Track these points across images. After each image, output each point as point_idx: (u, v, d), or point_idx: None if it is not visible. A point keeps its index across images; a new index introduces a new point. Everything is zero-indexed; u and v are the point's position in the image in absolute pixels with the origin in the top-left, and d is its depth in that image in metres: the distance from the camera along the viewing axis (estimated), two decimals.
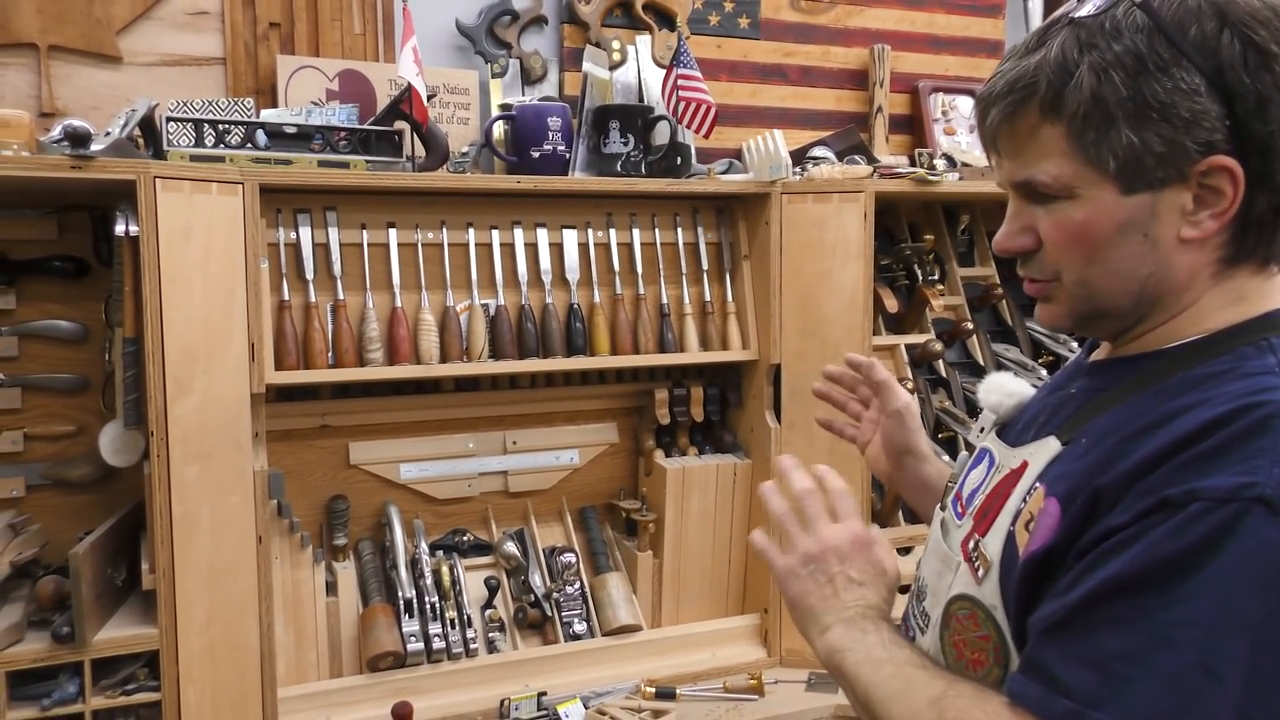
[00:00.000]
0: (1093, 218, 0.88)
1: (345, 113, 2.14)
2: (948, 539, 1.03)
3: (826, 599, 1.00)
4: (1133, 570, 0.78)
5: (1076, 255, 0.90)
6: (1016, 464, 0.96)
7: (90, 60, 2.11)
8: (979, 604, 0.93)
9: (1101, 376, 0.97)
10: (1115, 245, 0.88)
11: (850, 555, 1.02)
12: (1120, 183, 0.86)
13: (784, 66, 2.78)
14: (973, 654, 0.94)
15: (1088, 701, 0.78)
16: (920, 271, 2.60)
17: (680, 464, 2.36)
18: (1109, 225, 0.88)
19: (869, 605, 0.99)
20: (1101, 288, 0.91)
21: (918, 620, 1.05)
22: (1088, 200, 0.88)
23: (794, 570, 1.03)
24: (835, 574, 1.01)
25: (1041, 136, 0.88)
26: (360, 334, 2.06)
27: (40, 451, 1.99)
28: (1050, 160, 0.88)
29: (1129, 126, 0.84)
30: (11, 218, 1.94)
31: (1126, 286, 0.90)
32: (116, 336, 1.86)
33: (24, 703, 1.72)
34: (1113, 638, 0.78)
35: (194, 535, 1.79)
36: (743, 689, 2.17)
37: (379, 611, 2.08)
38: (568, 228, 2.27)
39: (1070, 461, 0.90)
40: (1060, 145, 0.87)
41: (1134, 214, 0.87)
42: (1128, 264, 0.89)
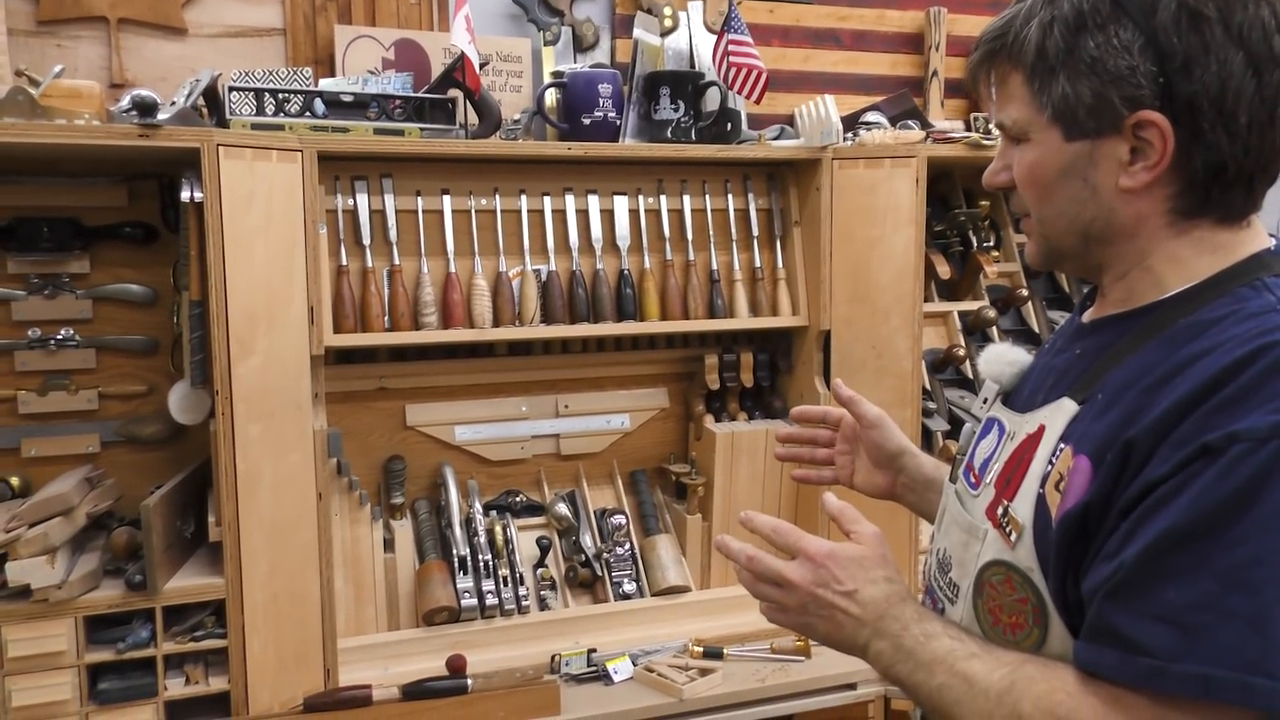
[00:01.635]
0: (1040, 160, 0.95)
1: (400, 81, 2.19)
2: (968, 509, 1.03)
3: (841, 625, 1.00)
4: (1186, 520, 0.78)
5: (1030, 195, 0.98)
6: (1033, 428, 0.97)
7: (158, 32, 2.18)
8: (1014, 568, 0.94)
9: (1103, 334, 0.98)
10: (1059, 187, 0.95)
11: (825, 575, 1.00)
12: (1061, 129, 0.93)
13: (837, 31, 2.75)
14: (1010, 618, 0.94)
15: (1168, 655, 0.78)
16: (975, 238, 2.58)
17: (730, 429, 2.38)
18: (1053, 168, 0.94)
19: (879, 602, 0.98)
20: (1054, 227, 0.98)
21: (945, 591, 1.05)
22: (1037, 144, 0.95)
23: (797, 618, 1.03)
24: (829, 600, 0.99)
25: (1010, 82, 0.96)
26: (415, 298, 2.12)
27: (114, 410, 2.09)
28: (1013, 105, 0.96)
29: (1065, 78, 0.91)
30: (85, 186, 2.02)
31: (1072, 227, 0.96)
32: (183, 299, 1.94)
33: (101, 646, 1.81)
34: (1178, 589, 0.78)
35: (257, 491, 1.86)
36: (789, 650, 2.20)
37: (434, 568, 2.15)
38: (619, 194, 2.29)
39: (1092, 419, 0.91)
40: (1020, 91, 0.95)
41: (1074, 160, 0.93)
42: (1071, 207, 0.95)
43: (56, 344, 2.02)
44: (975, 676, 0.90)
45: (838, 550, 1.01)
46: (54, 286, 2.02)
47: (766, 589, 1.04)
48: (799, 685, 2.12)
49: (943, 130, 2.48)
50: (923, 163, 2.25)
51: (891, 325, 2.27)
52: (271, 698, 1.89)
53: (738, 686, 2.07)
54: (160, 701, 1.83)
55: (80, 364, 2.05)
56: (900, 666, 0.97)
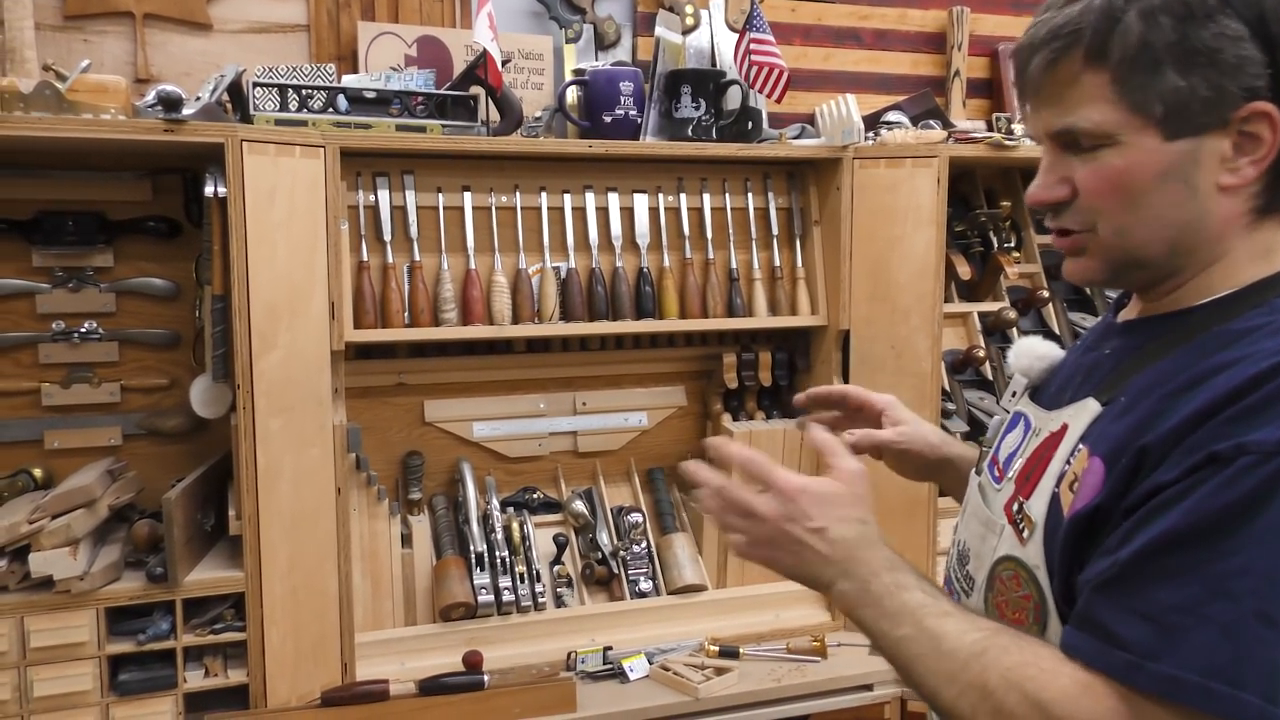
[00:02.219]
0: (1134, 165, 0.88)
1: (423, 78, 2.19)
2: (988, 503, 1.03)
3: (808, 561, 0.97)
4: (1184, 524, 0.79)
5: (1115, 204, 0.90)
6: (1056, 426, 0.97)
7: (183, 28, 2.20)
8: (1022, 564, 0.94)
9: (1135, 335, 0.97)
10: (1155, 192, 0.89)
11: (795, 509, 0.97)
12: (1164, 129, 0.87)
13: (859, 30, 2.75)
14: (1014, 614, 0.95)
15: (1145, 653, 0.78)
16: (996, 238, 2.57)
17: (747, 428, 2.38)
18: (1150, 172, 0.88)
19: (850, 546, 0.95)
20: (1139, 236, 0.91)
21: (961, 584, 1.05)
22: (1129, 147, 0.88)
23: (764, 551, 0.99)
24: (796, 535, 0.96)
25: (1083, 84, 0.88)
26: (435, 295, 2.12)
27: (136, 402, 2.10)
28: (1092, 107, 0.88)
29: (1176, 71, 0.85)
30: (110, 180, 2.04)
31: (1163, 234, 0.90)
32: (206, 294, 1.95)
33: (122, 637, 1.82)
34: (1166, 590, 0.79)
35: (277, 485, 1.87)
36: (805, 650, 2.20)
37: (451, 564, 2.15)
38: (639, 192, 2.29)
39: (1111, 421, 0.90)
40: (1103, 92, 0.87)
41: (1176, 160, 0.87)
42: (1167, 212, 0.89)
43: (80, 337, 2.04)
44: (945, 634, 0.88)
45: (810, 485, 0.97)
46: (78, 280, 2.04)
47: (734, 519, 1.00)
48: (815, 685, 2.12)
49: (964, 130, 2.47)
50: (944, 162, 2.24)
51: (911, 325, 2.27)
52: (289, 691, 1.90)
53: (753, 686, 2.07)
54: (179, 693, 1.84)
55: (103, 357, 2.06)
56: (864, 611, 0.94)
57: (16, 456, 2.02)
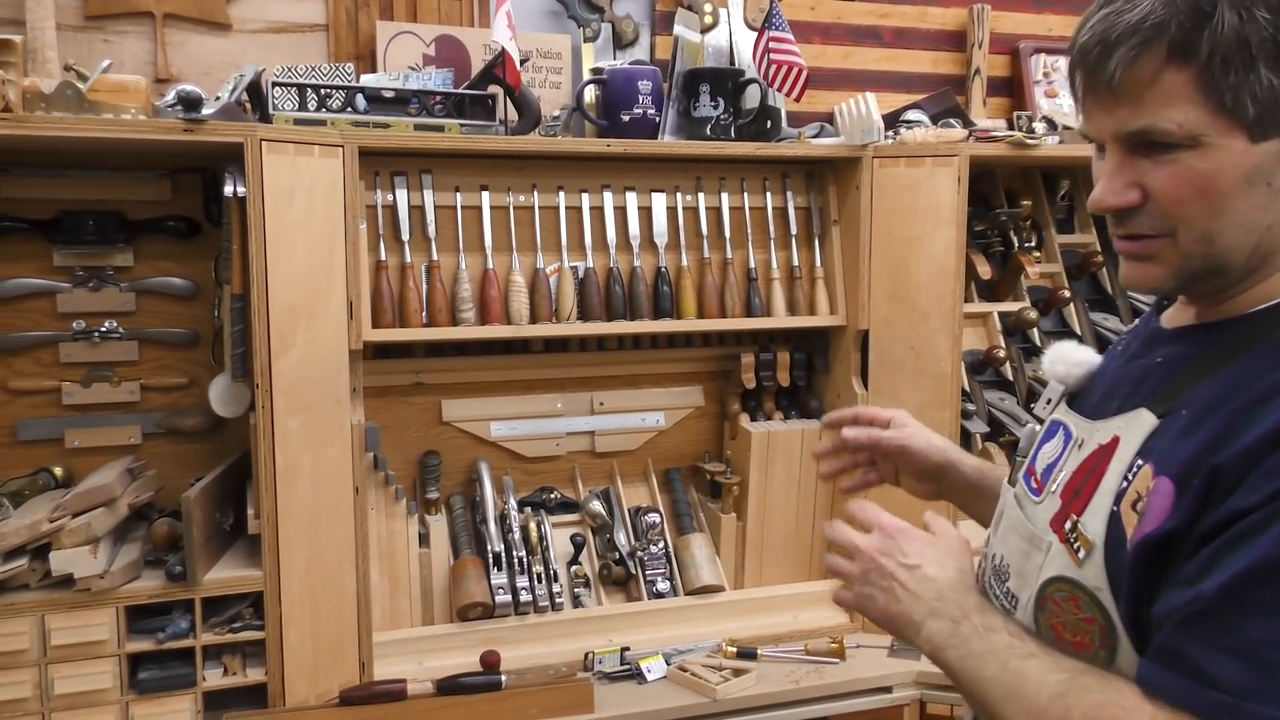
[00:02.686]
0: (1221, 167, 0.84)
1: (441, 77, 2.19)
2: (1030, 517, 0.99)
3: (898, 599, 0.99)
4: (1272, 554, 0.75)
5: (1199, 209, 0.86)
6: (1106, 439, 0.93)
7: (202, 28, 2.20)
8: (1080, 586, 0.90)
9: (1188, 343, 0.93)
10: (1240, 196, 0.85)
11: (892, 545, 1.01)
12: (1253, 130, 0.83)
13: (879, 28, 2.73)
14: (1074, 637, 0.91)
15: (1240, 693, 0.75)
16: (1016, 238, 2.55)
17: (765, 428, 2.37)
18: (1237, 175, 0.84)
19: (941, 586, 0.98)
20: (1224, 243, 0.87)
21: (1002, 601, 1.02)
22: (1215, 149, 0.83)
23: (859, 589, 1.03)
24: (890, 569, 1.00)
25: (1164, 82, 0.83)
26: (453, 294, 2.12)
27: (155, 401, 2.11)
28: (1175, 107, 0.83)
29: (1269, 69, 0.81)
30: (129, 179, 2.04)
31: (1247, 240, 0.86)
32: (224, 293, 1.95)
33: (141, 635, 1.83)
34: (1260, 625, 0.76)
35: (295, 484, 1.87)
36: (824, 652, 2.19)
37: (469, 563, 2.15)
38: (657, 191, 2.29)
39: (1175, 437, 0.86)
40: (1187, 91, 0.83)
41: (1262, 162, 0.84)
42: (1251, 215, 0.86)
43: (100, 336, 2.05)
44: (1029, 675, 0.88)
45: (911, 528, 1.01)
46: (98, 279, 2.05)
47: (838, 560, 1.05)
48: (833, 687, 2.10)
49: (985, 129, 2.45)
50: (964, 162, 2.22)
51: (931, 326, 2.25)
52: (308, 690, 1.90)
53: (772, 688, 2.06)
54: (198, 692, 1.85)
55: (123, 356, 2.07)
56: (951, 651, 0.95)
57: (37, 455, 2.03)
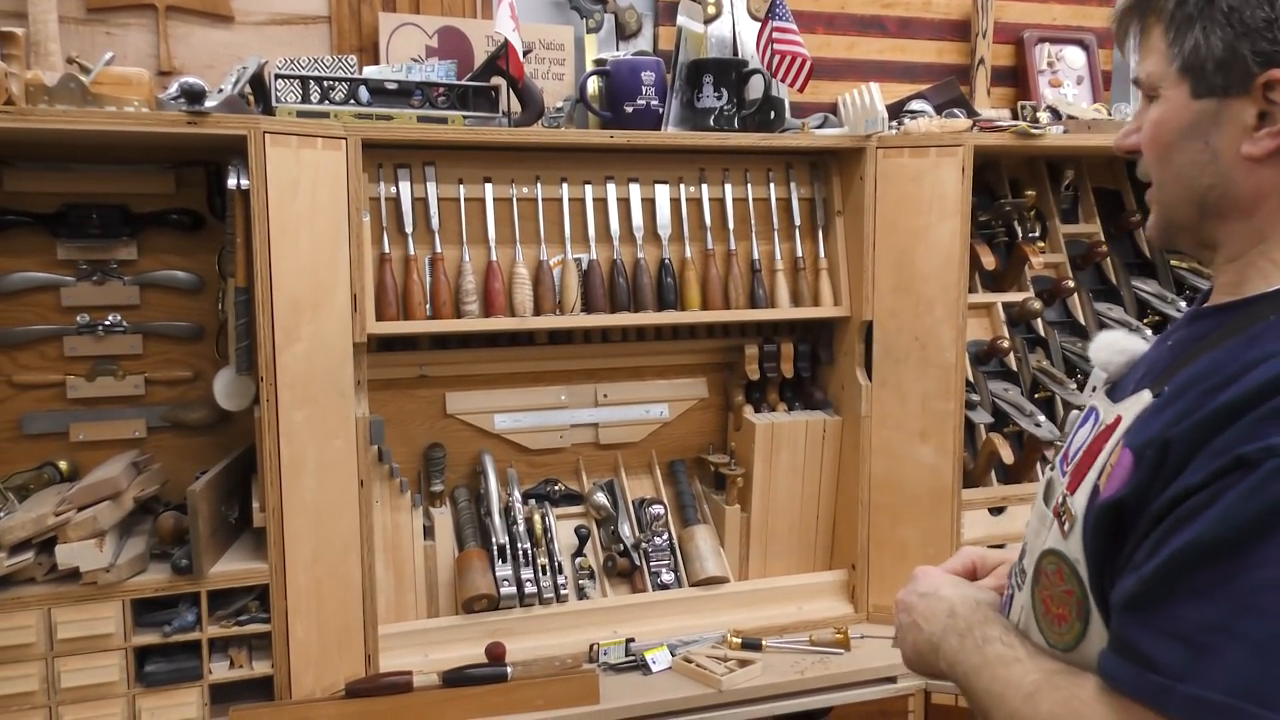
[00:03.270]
0: (1164, 117, 0.91)
1: (444, 69, 2.19)
2: (1049, 498, 1.02)
3: (920, 627, 1.07)
4: (1209, 536, 0.76)
5: (1151, 156, 0.94)
6: (1111, 419, 0.94)
7: (205, 20, 2.20)
8: (1064, 558, 0.92)
9: (1198, 325, 0.95)
10: (1179, 149, 0.91)
11: (913, 583, 1.13)
12: (1189, 84, 0.88)
13: (882, 18, 2.72)
14: (1058, 609, 0.94)
15: (1175, 675, 0.77)
16: (1020, 228, 2.54)
17: (769, 420, 2.36)
18: (1175, 127, 0.90)
19: (954, 604, 1.05)
20: (1169, 194, 0.94)
21: (1016, 578, 1.05)
22: (1165, 100, 0.91)
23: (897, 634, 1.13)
24: (910, 602, 1.10)
25: (1152, 35, 0.92)
26: (457, 286, 2.12)
27: (160, 395, 2.11)
28: (1151, 58, 0.92)
29: (1200, 28, 0.86)
30: (133, 173, 2.04)
31: (1188, 195, 0.92)
32: (229, 286, 1.95)
33: (147, 629, 1.84)
34: (1194, 608, 0.77)
35: (301, 477, 1.87)
36: (828, 643, 2.19)
37: (474, 556, 2.16)
38: (660, 183, 2.28)
39: (1152, 413, 0.88)
40: (1158, 44, 0.91)
41: (1197, 119, 0.89)
42: (1189, 171, 0.91)
43: (104, 330, 2.05)
44: (1010, 680, 0.92)
45: (931, 568, 1.14)
46: (102, 273, 2.05)
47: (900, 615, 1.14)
48: (838, 678, 2.11)
49: (989, 119, 2.44)
50: (969, 152, 2.22)
51: (935, 316, 2.25)
52: (314, 682, 1.91)
53: (777, 678, 2.07)
54: (205, 684, 1.86)
55: (127, 350, 2.07)
56: (959, 667, 1.01)
57: (42, 449, 2.03)
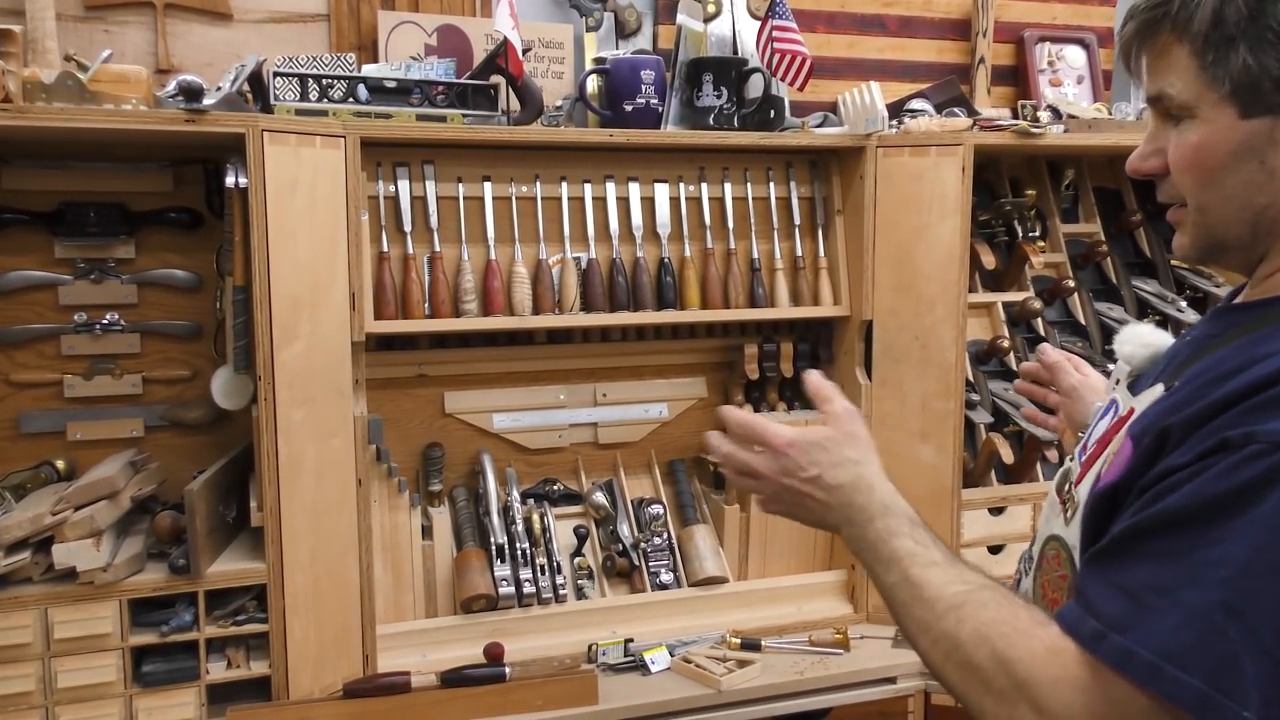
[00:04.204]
0: (1208, 140, 0.88)
1: (443, 67, 2.18)
2: (1061, 487, 1.04)
3: (813, 510, 1.03)
4: (1180, 506, 0.79)
5: (1191, 179, 0.90)
6: (1125, 411, 0.96)
7: (203, 18, 2.19)
8: (1064, 543, 0.95)
9: (1218, 322, 0.96)
10: (1230, 171, 0.88)
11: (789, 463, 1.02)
12: (1238, 105, 0.86)
13: (883, 17, 2.72)
14: (1053, 594, 0.96)
15: (1113, 625, 0.79)
16: (1020, 227, 2.53)
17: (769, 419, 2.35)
18: (1224, 149, 0.87)
19: (844, 488, 1.00)
20: (1216, 216, 0.90)
21: (1025, 564, 1.07)
22: (1205, 122, 0.88)
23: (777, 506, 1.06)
24: (795, 487, 1.02)
25: (1172, 54, 0.89)
26: (456, 285, 2.11)
27: (158, 394, 2.10)
28: (1176, 76, 0.89)
29: (1246, 48, 0.84)
30: (131, 171, 2.03)
31: (1241, 215, 0.89)
32: (227, 285, 1.94)
33: (144, 628, 1.83)
34: (1147, 569, 0.80)
35: (299, 476, 1.87)
36: (828, 643, 2.18)
37: (472, 556, 2.15)
38: (660, 181, 2.28)
39: (1158, 405, 0.90)
40: (1186, 63, 0.88)
41: (1250, 139, 0.87)
42: (1243, 192, 0.89)
43: (102, 329, 2.04)
44: (927, 584, 0.91)
45: (798, 437, 1.03)
46: (100, 271, 2.04)
47: (744, 481, 1.07)
48: (838, 678, 2.10)
49: (989, 118, 2.44)
50: (969, 151, 2.21)
51: (936, 316, 2.24)
52: (312, 682, 1.90)
53: (776, 679, 2.06)
54: (202, 684, 1.85)
55: (125, 348, 2.06)
56: (863, 555, 0.99)
57: (39, 448, 2.03)
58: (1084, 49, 2.87)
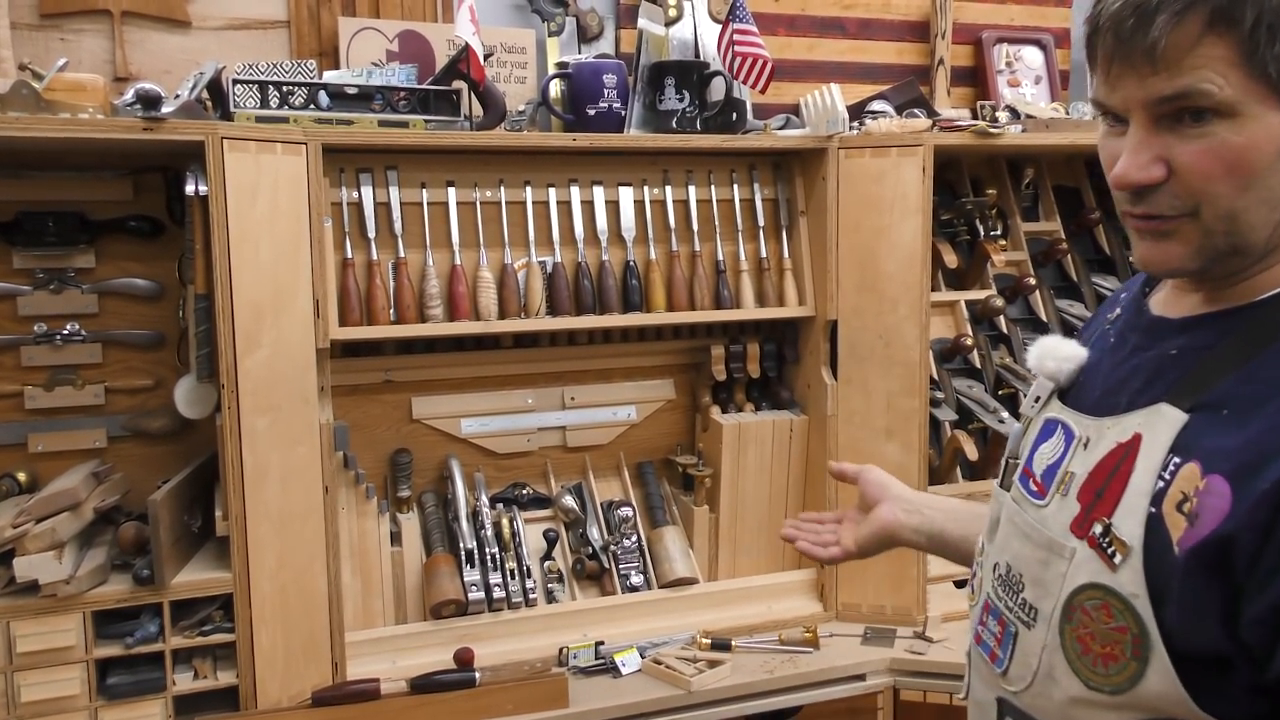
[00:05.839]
0: (1255, 141, 0.81)
1: (405, 73, 2.18)
2: (1042, 522, 0.94)
3: None
4: None
5: (1227, 185, 0.83)
6: (1125, 436, 0.89)
7: (161, 25, 2.18)
8: (1114, 593, 0.85)
9: (1206, 332, 0.90)
10: (1272, 172, 0.82)
11: None
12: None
13: (842, 19, 2.74)
14: (1103, 648, 0.86)
15: None
16: (982, 226, 2.57)
17: (736, 420, 2.37)
18: (1271, 150, 0.81)
19: None
20: (1248, 220, 0.84)
21: (1018, 613, 0.95)
22: (1250, 120, 0.81)
23: None
24: None
25: (1203, 49, 0.80)
26: (421, 291, 2.11)
27: (120, 404, 2.08)
28: (1215, 71, 0.80)
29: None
30: (90, 179, 2.02)
31: (1271, 218, 0.84)
32: (189, 293, 1.93)
33: (109, 640, 1.81)
34: None
35: (264, 484, 1.86)
36: (798, 641, 2.20)
37: (441, 561, 2.15)
38: (624, 185, 2.28)
39: (1219, 434, 0.82)
40: (1229, 58, 0.79)
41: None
42: (1278, 193, 0.84)
43: (62, 339, 2.02)
44: None
45: None
46: (60, 281, 2.02)
47: None
48: (808, 676, 2.11)
49: (949, 118, 2.46)
50: (929, 151, 2.24)
51: (899, 314, 2.26)
52: (280, 691, 1.89)
53: (746, 678, 2.07)
54: (169, 696, 1.83)
55: (86, 359, 2.04)
56: None
57: (0, 460, 2.00)
58: (1041, 50, 2.91)
